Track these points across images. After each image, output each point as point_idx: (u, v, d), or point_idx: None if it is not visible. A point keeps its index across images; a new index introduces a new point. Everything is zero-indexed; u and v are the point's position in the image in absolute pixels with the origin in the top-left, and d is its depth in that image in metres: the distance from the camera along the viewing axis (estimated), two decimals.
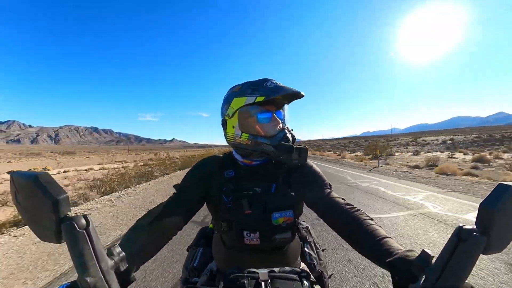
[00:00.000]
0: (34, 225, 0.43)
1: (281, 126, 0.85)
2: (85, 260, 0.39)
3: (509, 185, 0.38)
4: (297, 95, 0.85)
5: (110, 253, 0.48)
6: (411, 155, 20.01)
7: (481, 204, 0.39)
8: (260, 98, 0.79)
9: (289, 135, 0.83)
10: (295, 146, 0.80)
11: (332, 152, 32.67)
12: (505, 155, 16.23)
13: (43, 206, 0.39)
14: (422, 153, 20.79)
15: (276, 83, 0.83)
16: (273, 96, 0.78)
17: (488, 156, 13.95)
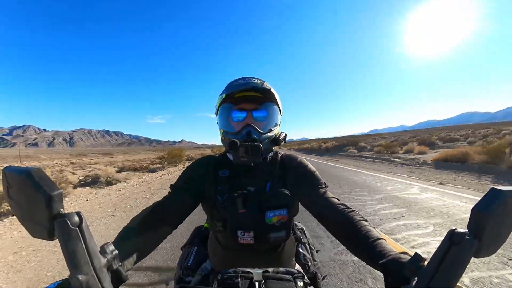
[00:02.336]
0: (26, 221, 0.42)
1: (247, 124, 0.83)
2: (77, 258, 0.38)
3: (501, 190, 0.38)
4: (257, 89, 0.83)
5: (103, 251, 0.47)
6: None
7: (473, 208, 0.39)
8: (223, 96, 0.84)
9: (256, 133, 0.82)
10: (245, 143, 0.77)
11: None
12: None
13: (36, 202, 0.38)
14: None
15: (248, 80, 0.83)
16: (227, 93, 0.82)
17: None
